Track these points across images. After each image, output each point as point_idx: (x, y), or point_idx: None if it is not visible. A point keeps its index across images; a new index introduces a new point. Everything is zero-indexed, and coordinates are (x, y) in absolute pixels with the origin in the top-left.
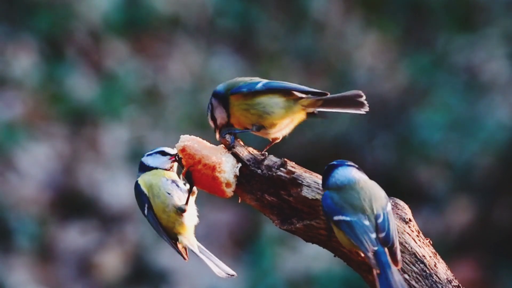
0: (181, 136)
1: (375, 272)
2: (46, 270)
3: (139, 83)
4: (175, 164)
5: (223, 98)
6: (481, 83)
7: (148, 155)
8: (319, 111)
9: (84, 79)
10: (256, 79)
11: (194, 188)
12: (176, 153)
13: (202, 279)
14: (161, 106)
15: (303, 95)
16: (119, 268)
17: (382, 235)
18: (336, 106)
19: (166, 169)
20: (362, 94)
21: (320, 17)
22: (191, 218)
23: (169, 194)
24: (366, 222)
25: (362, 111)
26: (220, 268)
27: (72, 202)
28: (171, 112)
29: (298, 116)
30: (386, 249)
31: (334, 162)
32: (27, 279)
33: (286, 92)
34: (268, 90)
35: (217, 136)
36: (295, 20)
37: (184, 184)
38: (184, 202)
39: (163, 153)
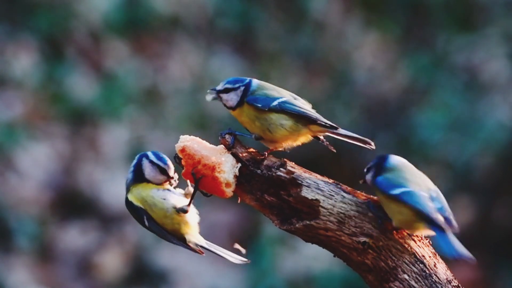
0: (181, 136)
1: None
2: (46, 270)
3: (139, 83)
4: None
5: (245, 92)
6: (481, 83)
7: (150, 161)
8: (327, 144)
9: (84, 79)
10: (275, 92)
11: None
12: (172, 176)
13: (202, 279)
14: (161, 106)
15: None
16: (119, 268)
17: (438, 205)
18: (344, 137)
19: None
20: (372, 143)
21: (320, 17)
22: (193, 216)
23: (164, 199)
24: (424, 193)
25: (368, 147)
26: (232, 257)
27: (72, 202)
28: (171, 112)
29: (303, 138)
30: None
31: (382, 155)
32: (27, 279)
33: (298, 115)
34: (282, 110)
35: (208, 97)
36: (295, 20)
37: (187, 186)
38: (186, 204)
39: (163, 172)
